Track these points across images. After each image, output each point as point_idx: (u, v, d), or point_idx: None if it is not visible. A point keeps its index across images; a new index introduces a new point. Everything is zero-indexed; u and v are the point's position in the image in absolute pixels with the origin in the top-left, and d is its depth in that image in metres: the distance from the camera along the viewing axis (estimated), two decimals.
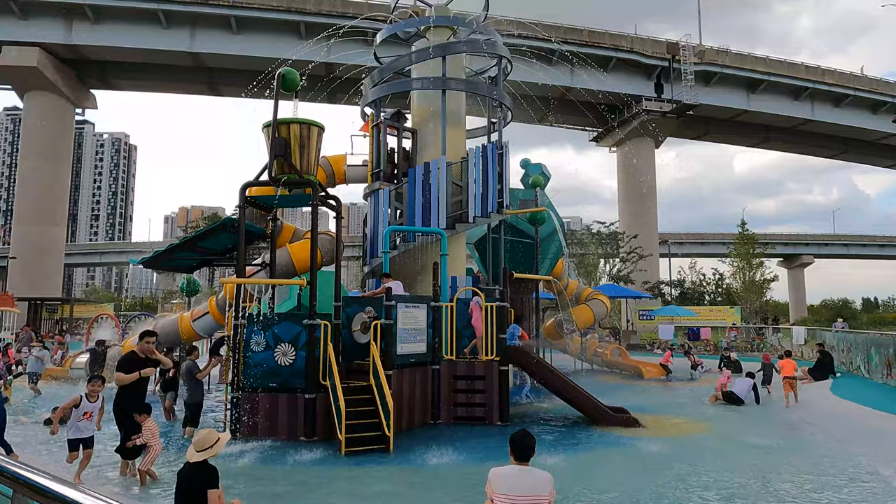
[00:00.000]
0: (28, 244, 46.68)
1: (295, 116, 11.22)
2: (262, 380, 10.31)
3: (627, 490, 7.07)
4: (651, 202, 59.03)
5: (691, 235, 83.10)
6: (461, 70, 17.45)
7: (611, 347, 22.67)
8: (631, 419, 11.37)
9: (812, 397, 14.21)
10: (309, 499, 7.05)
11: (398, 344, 11.10)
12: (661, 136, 59.77)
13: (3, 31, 46.65)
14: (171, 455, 8.86)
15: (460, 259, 16.66)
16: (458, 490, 7.29)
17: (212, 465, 5.62)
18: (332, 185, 17.28)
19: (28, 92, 49.13)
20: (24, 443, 9.53)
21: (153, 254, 14.20)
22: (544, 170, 21.57)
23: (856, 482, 7.22)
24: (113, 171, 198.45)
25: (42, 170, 48.67)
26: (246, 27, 48.66)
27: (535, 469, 4.86)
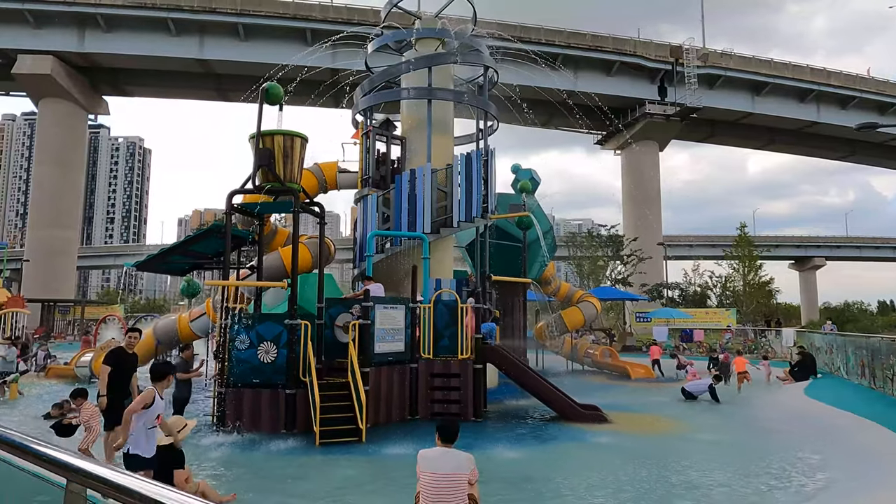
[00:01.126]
0: (42, 247, 47.99)
1: (279, 128, 11.87)
2: (246, 376, 10.95)
3: (571, 476, 7.61)
4: (655, 205, 59.24)
5: (700, 238, 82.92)
6: (449, 79, 18.03)
7: (601, 349, 23.12)
8: (599, 416, 11.87)
9: (784, 398, 14.63)
10: (275, 481, 7.67)
11: (376, 343, 11.70)
12: (665, 139, 60.01)
13: (18, 40, 48.05)
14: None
15: (447, 262, 17.25)
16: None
17: (179, 448, 6.27)
18: (325, 191, 17.94)
19: (42, 99, 50.53)
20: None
21: (147, 257, 14.93)
22: (534, 175, 22.12)
23: (783, 478, 7.65)
24: (128, 174, 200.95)
25: (56, 175, 49.98)
26: (253, 34, 49.69)
27: (458, 451, 5.45)
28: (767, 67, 58.93)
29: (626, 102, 56.97)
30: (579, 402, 12.73)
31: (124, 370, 8.07)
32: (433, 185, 15.90)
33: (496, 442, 9.89)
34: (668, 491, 6.96)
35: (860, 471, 7.36)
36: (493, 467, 8.08)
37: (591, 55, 54.44)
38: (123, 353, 8.31)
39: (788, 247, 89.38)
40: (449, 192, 16.13)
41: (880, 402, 12.37)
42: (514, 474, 7.84)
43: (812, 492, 6.62)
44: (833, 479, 7.03)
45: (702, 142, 68.00)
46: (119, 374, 8.01)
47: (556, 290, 24.22)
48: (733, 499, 6.57)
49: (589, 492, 7.00)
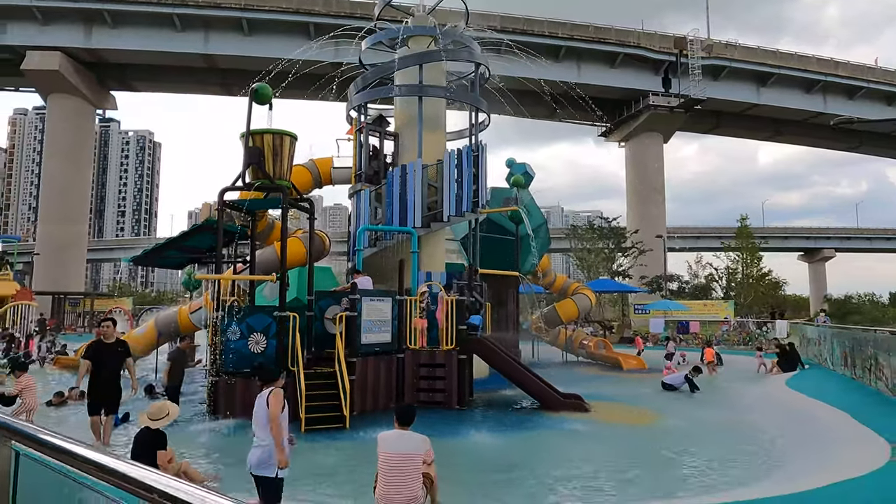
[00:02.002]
0: (52, 241, 48.91)
1: (269, 127, 12.28)
2: (237, 365, 11.44)
3: (539, 460, 8.04)
4: (659, 196, 59.28)
5: (706, 230, 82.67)
6: (441, 76, 18.34)
7: (595, 340, 23.47)
8: (578, 404, 12.26)
9: (764, 388, 14.97)
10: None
11: (363, 334, 12.14)
12: (670, 131, 59.90)
13: (26, 37, 48.76)
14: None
15: (438, 255, 17.63)
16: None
17: (162, 430, 6.73)
18: (320, 186, 18.39)
19: (51, 94, 51.28)
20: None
21: (143, 252, 15.45)
22: (528, 169, 22.42)
23: (733, 460, 7.99)
24: (138, 167, 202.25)
25: (65, 170, 50.83)
26: (257, 29, 50.09)
27: (414, 433, 5.89)
28: (773, 58, 58.57)
29: (629, 94, 56.92)
30: (564, 391, 13.14)
31: (104, 361, 8.46)
32: (424, 180, 16.27)
33: (475, 428, 10.33)
34: (621, 470, 7.36)
35: (809, 455, 7.71)
36: (468, 452, 8.53)
37: (594, 47, 54.37)
38: (101, 345, 8.71)
39: (798, 238, 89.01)
40: (439, 188, 16.49)
41: (858, 392, 12.67)
42: (487, 458, 8.27)
43: (755, 474, 6.99)
44: (780, 463, 7.39)
45: (707, 133, 67.85)
46: (98, 366, 8.42)
47: (551, 282, 24.58)
48: (675, 477, 6.96)
49: (550, 474, 7.42)
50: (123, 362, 8.71)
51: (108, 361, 8.42)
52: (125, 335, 19.00)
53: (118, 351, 8.64)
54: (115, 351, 8.61)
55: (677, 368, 17.93)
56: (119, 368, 8.64)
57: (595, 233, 42.07)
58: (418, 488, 5.76)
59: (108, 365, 8.39)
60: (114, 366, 8.49)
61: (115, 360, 8.54)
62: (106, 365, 8.37)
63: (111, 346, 8.58)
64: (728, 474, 7.10)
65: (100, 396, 8.40)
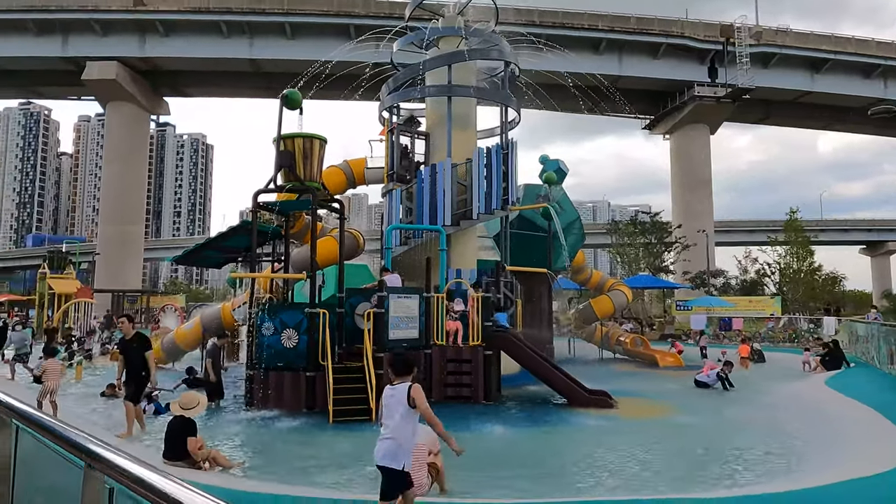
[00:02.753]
0: (111, 242, 51.64)
1: (300, 131, 12.81)
2: (271, 360, 12.01)
3: (550, 454, 8.23)
4: (706, 190, 57.72)
5: (759, 223, 79.74)
6: (471, 75, 18.54)
7: (632, 337, 23.24)
8: (603, 400, 12.30)
9: (801, 387, 14.60)
10: (284, 451, 8.65)
11: (390, 330, 12.52)
12: (717, 122, 58.17)
13: (87, 48, 51.51)
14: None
15: (469, 253, 17.83)
16: None
17: (192, 419, 7.26)
18: (353, 186, 18.91)
19: (109, 102, 54.03)
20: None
21: (184, 252, 16.29)
22: (561, 165, 22.37)
23: (739, 459, 7.92)
24: (192, 169, 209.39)
25: (122, 174, 53.53)
26: (300, 32, 51.42)
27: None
28: (828, 43, 56.06)
29: (673, 85, 55.57)
30: (593, 388, 13.21)
31: (127, 355, 9.21)
32: (453, 178, 16.53)
33: (495, 422, 10.53)
34: (629, 464, 7.46)
35: (824, 453, 7.60)
36: (483, 444, 8.77)
37: (636, 38, 53.34)
38: (123, 341, 9.49)
39: (859, 231, 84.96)
40: (468, 186, 16.72)
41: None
42: (498, 450, 8.51)
43: (763, 471, 6.96)
44: (793, 464, 7.33)
45: (756, 123, 65.56)
46: (125, 360, 9.22)
47: (586, 278, 24.46)
48: (678, 472, 7.04)
49: (559, 467, 7.60)
50: (141, 356, 9.21)
51: (129, 355, 9.12)
52: (174, 331, 20.11)
53: (133, 346, 9.24)
54: (132, 346, 9.23)
55: (717, 365, 17.57)
56: (137, 361, 9.17)
57: (636, 228, 41.38)
58: (423, 476, 6.05)
59: (129, 359, 9.10)
60: (132, 359, 9.12)
61: (133, 354, 9.15)
62: (129, 359, 9.07)
63: (129, 342, 9.25)
64: (732, 469, 7.10)
65: (126, 386, 9.16)
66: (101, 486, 2.05)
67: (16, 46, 51.71)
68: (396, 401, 4.42)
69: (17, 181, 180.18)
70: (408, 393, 4.32)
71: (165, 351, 19.05)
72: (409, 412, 4.41)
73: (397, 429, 4.35)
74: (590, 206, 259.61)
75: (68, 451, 2.33)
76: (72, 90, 57.99)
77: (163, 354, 19.06)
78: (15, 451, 2.94)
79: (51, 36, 51.57)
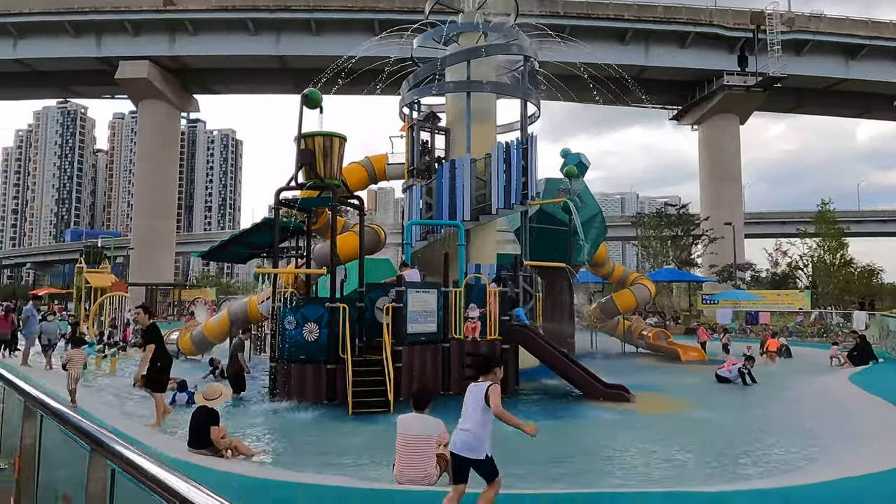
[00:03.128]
0: (144, 237, 53.13)
1: (320, 129, 13.10)
2: (293, 352, 12.37)
3: (555, 446, 8.37)
4: (735, 181, 56.61)
5: (789, 215, 77.87)
6: (491, 70, 18.61)
7: (655, 331, 23.10)
8: (621, 395, 12.37)
9: (824, 382, 14.39)
10: (302, 440, 8.97)
11: (408, 324, 12.77)
12: (747, 112, 56.90)
13: (120, 48, 52.89)
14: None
15: (488, 247, 17.98)
16: None
17: (215, 409, 7.60)
18: (375, 182, 19.20)
19: (141, 101, 55.43)
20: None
21: (210, 248, 16.78)
22: (583, 158, 22.29)
23: (744, 455, 7.92)
24: (222, 164, 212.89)
25: (154, 170, 54.96)
26: (325, 28, 51.91)
27: (430, 417, 6.42)
28: (864, 28, 54.29)
29: (702, 75, 54.49)
30: (610, 382, 13.28)
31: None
32: (472, 174, 16.67)
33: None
34: (632, 457, 7.57)
35: (836, 452, 7.57)
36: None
37: (663, 27, 52.43)
38: (143, 331, 9.89)
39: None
40: (487, 181, 16.84)
41: None
42: (501, 444, 8.68)
43: (763, 470, 6.97)
44: (803, 461, 7.32)
45: (787, 112, 63.92)
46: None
47: (609, 272, 24.36)
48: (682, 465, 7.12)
49: (558, 458, 7.75)
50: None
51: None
52: (203, 324, 20.73)
53: (145, 336, 9.64)
54: (145, 335, 9.65)
55: (739, 360, 17.44)
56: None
57: (662, 220, 40.85)
58: (432, 467, 6.29)
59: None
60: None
61: (148, 344, 9.43)
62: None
63: (146, 332, 9.63)
64: (738, 464, 7.15)
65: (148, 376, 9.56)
66: (105, 468, 2.34)
67: (53, 48, 53.41)
68: (476, 397, 4.71)
69: (55, 178, 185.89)
70: (485, 392, 4.59)
71: (195, 343, 19.66)
72: (486, 409, 4.69)
73: (475, 424, 4.67)
74: (618, 199, 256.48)
75: (78, 438, 2.64)
76: (105, 89, 59.62)
77: (192, 346, 19.72)
78: (40, 437, 3.25)
79: (86, 37, 53.09)
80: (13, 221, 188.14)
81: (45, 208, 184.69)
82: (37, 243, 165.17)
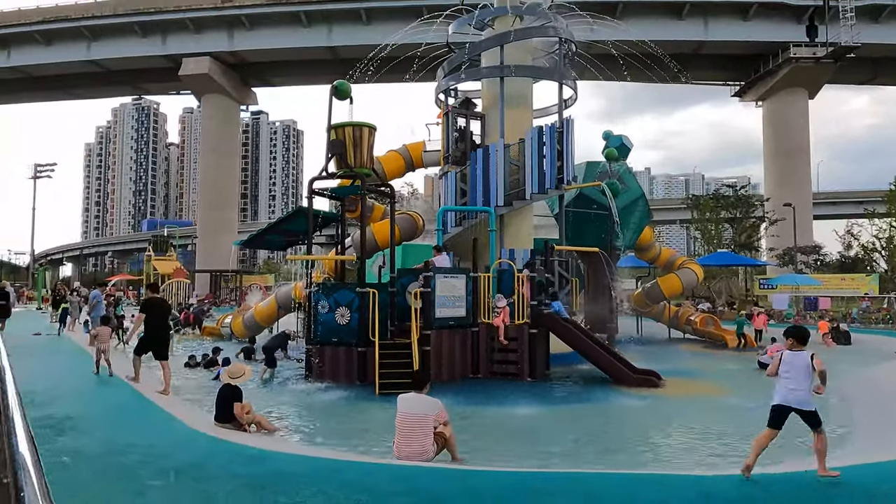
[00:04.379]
0: (208, 226, 55.84)
1: (350, 120, 13.50)
2: (326, 335, 12.93)
3: (565, 430, 8.49)
4: (803, 159, 53.59)
5: (867, 193, 72.73)
6: (528, 54, 18.45)
7: (702, 317, 22.49)
8: (649, 380, 12.26)
9: (877, 372, 13.68)
10: (326, 418, 9.47)
11: (437, 308, 13.06)
12: (816, 85, 53.60)
13: (183, 45, 55.43)
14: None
15: (524, 233, 17.97)
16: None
17: (238, 386, 8.15)
18: (412, 170, 19.51)
19: (203, 96, 57.97)
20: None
21: (249, 237, 17.58)
22: (625, 141, 21.81)
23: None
24: (285, 154, 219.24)
25: (217, 162, 57.53)
26: (375, 17, 52.53)
27: (427, 397, 6.71)
28: None
29: (766, 48, 51.70)
30: (643, 367, 13.17)
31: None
32: (506, 159, 16.68)
33: (530, 399, 10.83)
34: (638, 442, 7.58)
35: (860, 443, 7.30)
36: (507, 419, 9.19)
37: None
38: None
39: None
40: (521, 166, 16.81)
41: None
42: (517, 425, 8.88)
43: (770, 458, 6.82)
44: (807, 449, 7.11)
45: (862, 84, 59.62)
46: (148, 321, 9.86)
47: (655, 256, 23.80)
48: (687, 454, 7.07)
49: (567, 442, 7.86)
50: (161, 317, 10.03)
51: (153, 321, 9.79)
52: (254, 308, 21.79)
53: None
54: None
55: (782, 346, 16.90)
56: (156, 324, 9.83)
57: (719, 202, 39.25)
58: (429, 444, 6.57)
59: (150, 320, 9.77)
60: (152, 320, 9.78)
61: (155, 315, 9.86)
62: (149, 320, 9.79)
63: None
64: (742, 451, 7.03)
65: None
66: None
67: (123, 48, 56.61)
68: (800, 363, 5.67)
69: (132, 171, 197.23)
70: (811, 360, 5.62)
71: (247, 326, 20.72)
72: (810, 373, 5.66)
73: (803, 384, 5.66)
74: (682, 180, 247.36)
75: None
76: (171, 86, 62.66)
77: (244, 329, 20.79)
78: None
79: (152, 36, 55.94)
80: (96, 213, 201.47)
81: (124, 200, 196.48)
82: (117, 233, 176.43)
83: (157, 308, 9.91)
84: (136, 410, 8.11)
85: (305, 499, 4.72)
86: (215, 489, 4.90)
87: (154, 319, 9.67)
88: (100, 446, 6.36)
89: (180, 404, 9.15)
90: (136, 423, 7.47)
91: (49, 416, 7.65)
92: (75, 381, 10.11)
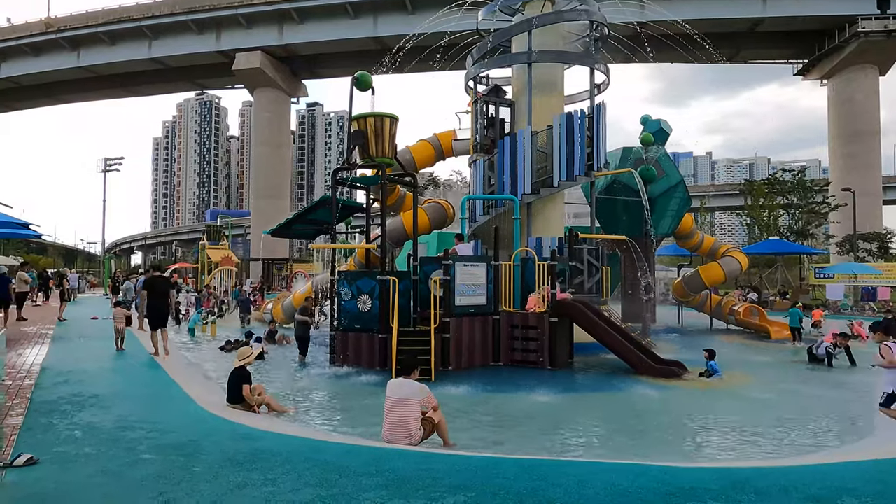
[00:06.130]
0: (261, 215, 57.68)
1: (372, 111, 13.71)
2: (349, 322, 13.28)
3: (570, 418, 8.46)
4: (873, 140, 50.28)
5: None
6: (559, 39, 18.14)
7: (746, 307, 21.66)
8: (669, 370, 12.00)
9: None
10: (341, 401, 9.79)
11: (457, 296, 13.18)
12: (888, 61, 50.08)
13: (235, 41, 57.21)
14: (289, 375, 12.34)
15: (554, 220, 17.76)
16: (457, 410, 9.15)
17: (246, 368, 8.53)
18: (443, 159, 19.58)
19: (256, 89, 59.72)
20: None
21: (276, 226, 18.12)
22: (663, 125, 21.17)
23: (774, 437, 7.49)
24: (339, 144, 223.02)
25: (269, 153, 59.27)
26: (419, 6, 52.56)
27: (413, 382, 6.86)
28: None
29: (831, 22, 48.61)
30: (669, 358, 12.92)
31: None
32: (534, 146, 16.52)
33: (546, 387, 10.81)
34: (636, 431, 7.48)
35: (872, 440, 6.96)
36: (508, 406, 9.24)
37: None
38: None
39: None
40: (549, 153, 16.61)
41: None
42: (518, 412, 8.91)
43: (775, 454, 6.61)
44: (833, 446, 6.85)
45: None
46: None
47: (697, 244, 23.07)
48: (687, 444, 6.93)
49: (560, 430, 7.84)
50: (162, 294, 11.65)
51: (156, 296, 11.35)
52: (292, 294, 22.52)
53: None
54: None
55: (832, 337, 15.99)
56: (155, 301, 11.42)
57: (774, 188, 37.40)
58: (415, 428, 6.72)
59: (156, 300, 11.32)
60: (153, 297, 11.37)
61: (157, 292, 11.46)
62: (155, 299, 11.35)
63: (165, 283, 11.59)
64: (743, 444, 6.84)
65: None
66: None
67: (181, 45, 59.00)
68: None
69: (196, 163, 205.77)
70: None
71: (285, 312, 21.45)
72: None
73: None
74: (745, 164, 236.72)
75: None
76: (226, 80, 64.86)
77: (284, 315, 21.53)
78: None
79: (207, 33, 58.01)
80: (164, 203, 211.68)
81: (189, 191, 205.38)
82: (183, 223, 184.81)
83: (159, 286, 11.28)
84: (158, 391, 8.64)
85: (277, 476, 4.95)
86: (197, 465, 5.21)
87: (155, 296, 11.02)
88: (113, 422, 6.83)
89: (201, 386, 9.66)
90: (153, 403, 7.95)
91: (79, 394, 8.27)
92: (110, 362, 10.81)
